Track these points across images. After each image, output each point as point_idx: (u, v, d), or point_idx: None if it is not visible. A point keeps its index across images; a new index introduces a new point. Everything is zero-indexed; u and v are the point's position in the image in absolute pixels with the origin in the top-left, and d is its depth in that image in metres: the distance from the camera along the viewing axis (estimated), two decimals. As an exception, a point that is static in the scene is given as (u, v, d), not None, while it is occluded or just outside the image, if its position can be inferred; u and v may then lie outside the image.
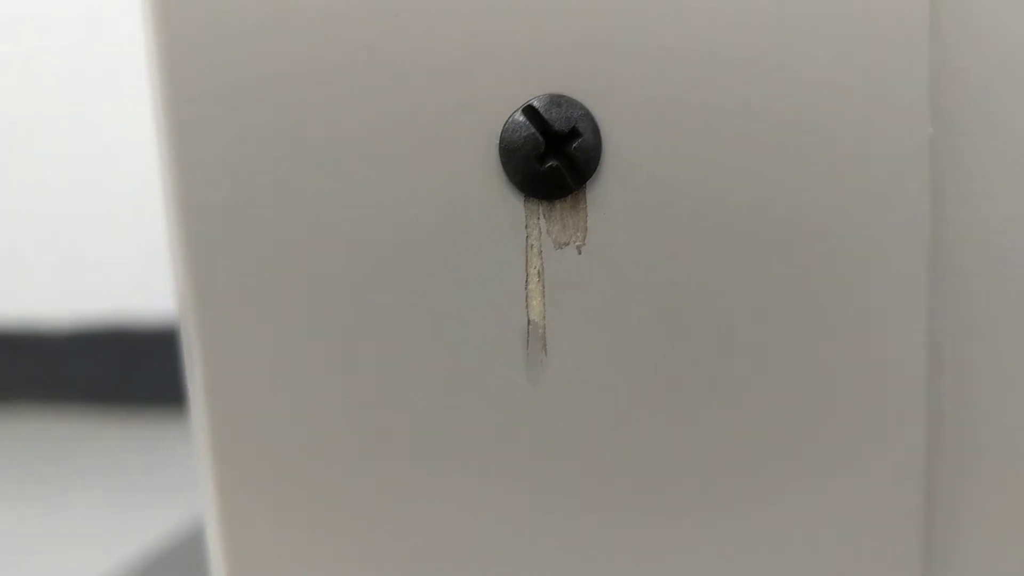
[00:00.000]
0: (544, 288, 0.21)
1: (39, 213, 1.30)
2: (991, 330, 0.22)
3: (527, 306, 0.21)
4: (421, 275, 0.20)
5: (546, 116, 0.20)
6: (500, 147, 0.20)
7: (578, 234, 0.20)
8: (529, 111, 0.20)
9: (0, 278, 1.33)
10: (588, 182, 0.20)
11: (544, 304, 0.21)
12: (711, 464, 0.22)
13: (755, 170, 0.20)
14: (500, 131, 0.20)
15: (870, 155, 0.21)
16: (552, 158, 0.20)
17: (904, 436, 0.22)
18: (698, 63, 0.20)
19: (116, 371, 1.30)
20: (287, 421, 0.21)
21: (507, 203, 0.20)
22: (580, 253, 0.21)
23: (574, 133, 0.20)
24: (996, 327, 0.22)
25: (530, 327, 0.21)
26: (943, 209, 0.22)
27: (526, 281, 0.21)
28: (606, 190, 0.20)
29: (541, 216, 0.20)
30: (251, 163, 0.20)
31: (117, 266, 1.29)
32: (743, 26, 0.20)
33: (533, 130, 0.20)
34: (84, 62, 1.25)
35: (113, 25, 1.25)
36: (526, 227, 0.20)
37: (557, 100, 0.20)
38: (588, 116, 0.20)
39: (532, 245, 0.20)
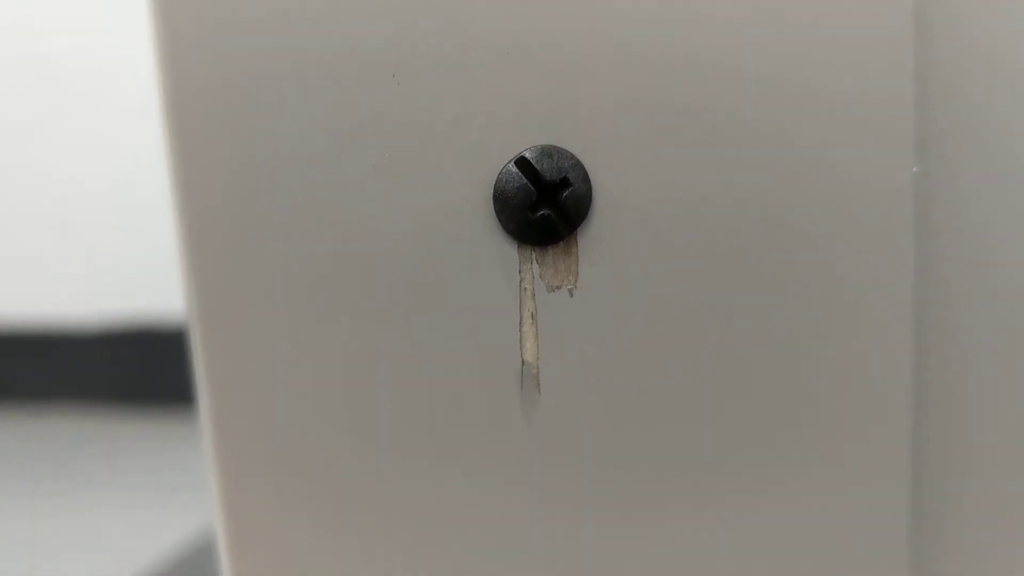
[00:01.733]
0: (538, 330, 0.21)
1: (63, 215, 1.32)
2: (975, 333, 0.23)
3: (521, 347, 0.21)
4: (419, 316, 0.21)
5: (537, 167, 0.20)
6: (494, 196, 0.21)
7: (570, 277, 0.21)
8: (521, 162, 0.20)
9: (26, 279, 1.35)
10: (579, 228, 0.21)
11: (538, 345, 0.21)
12: (699, 490, 0.22)
13: (742, 211, 0.21)
14: (495, 180, 0.21)
15: (856, 194, 0.21)
16: (544, 207, 0.21)
17: (890, 435, 0.22)
18: (684, 112, 0.21)
19: (141, 371, 1.32)
20: (286, 433, 0.22)
21: (502, 249, 0.21)
22: (572, 296, 0.21)
23: (565, 183, 0.20)
24: (979, 329, 0.23)
25: (524, 367, 0.22)
26: (928, 212, 0.22)
27: (520, 323, 0.21)
28: (597, 235, 0.21)
29: (534, 261, 0.21)
30: (255, 184, 0.21)
31: (142, 267, 1.30)
32: (727, 73, 0.21)
33: (525, 181, 0.20)
34: (106, 61, 1.26)
35: (135, 22, 1.27)
36: (520, 272, 0.21)
37: (548, 151, 0.20)
38: (579, 166, 0.21)
39: (526, 288, 0.21)
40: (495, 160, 0.21)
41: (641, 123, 0.21)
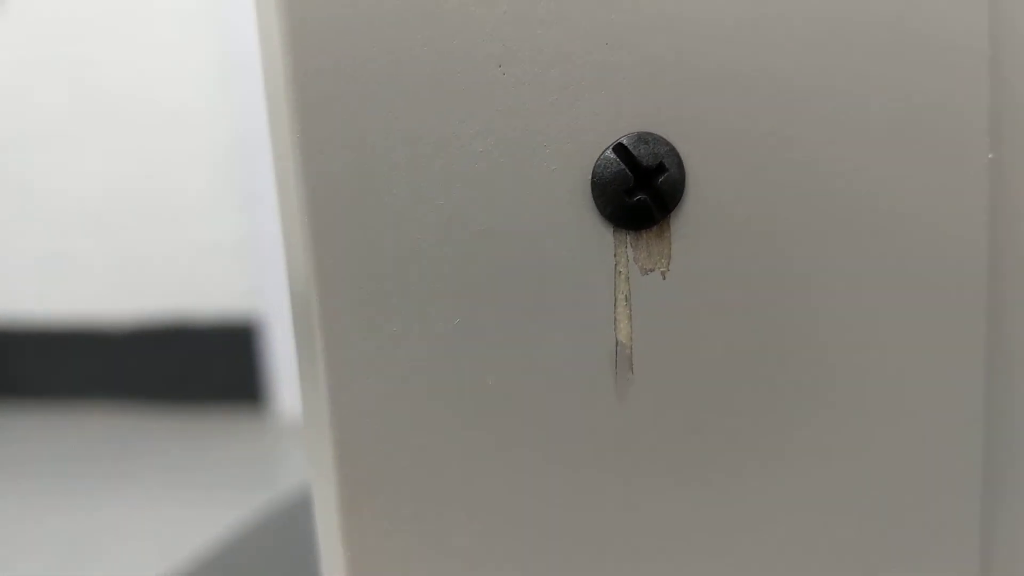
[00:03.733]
0: (631, 312, 0.22)
1: (100, 213, 1.34)
2: None
3: (615, 328, 0.22)
4: (520, 298, 0.22)
5: (634, 153, 0.21)
6: (592, 182, 0.21)
7: (663, 261, 0.22)
8: (619, 148, 0.21)
9: (63, 278, 1.37)
10: (672, 213, 0.22)
11: (631, 326, 0.22)
12: (786, 458, 0.23)
13: (827, 195, 0.22)
14: (593, 166, 0.21)
15: (932, 178, 0.22)
16: (640, 192, 0.21)
17: (963, 439, 0.23)
18: (774, 98, 0.21)
19: (176, 368, 1.34)
20: (401, 427, 0.23)
21: (597, 233, 0.22)
22: (665, 279, 0.22)
23: (660, 168, 0.21)
24: None
25: (618, 348, 0.22)
26: (1010, 206, 0.23)
27: (614, 305, 0.22)
28: (689, 220, 0.22)
29: (628, 245, 0.22)
30: (372, 169, 0.22)
31: (177, 264, 1.32)
32: (813, 64, 0.21)
33: (623, 166, 0.21)
34: (144, 62, 1.28)
35: (172, 24, 1.28)
36: (615, 255, 0.22)
37: (645, 137, 0.21)
38: (673, 152, 0.21)
39: (620, 272, 0.22)
40: (594, 147, 0.21)
41: (733, 110, 0.21)
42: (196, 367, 1.33)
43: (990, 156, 0.23)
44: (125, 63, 1.28)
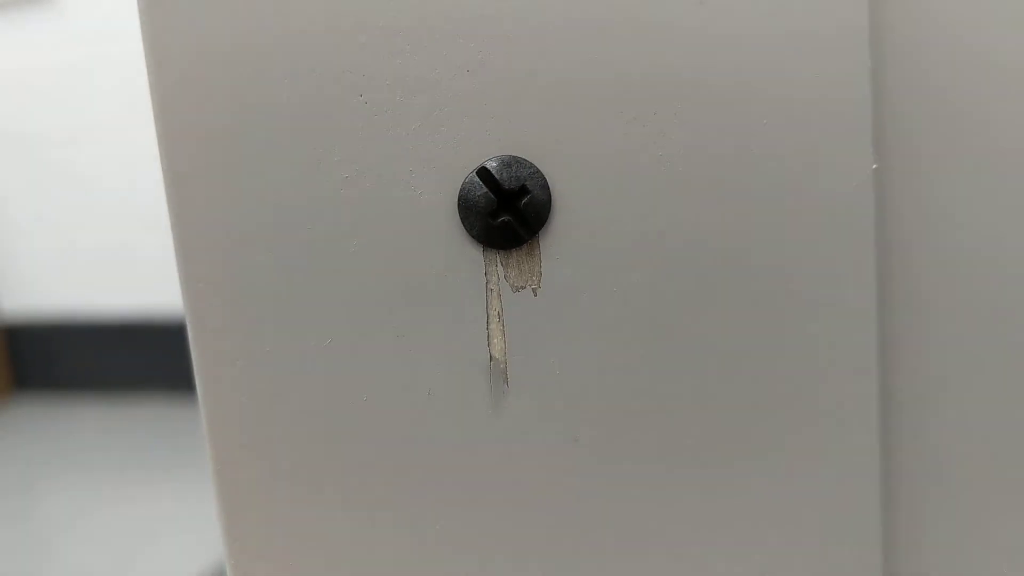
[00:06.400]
0: (504, 328, 0.23)
1: (157, 209, 1.37)
2: (939, 321, 0.24)
3: (489, 344, 0.23)
4: (393, 317, 0.23)
5: (498, 176, 0.22)
6: (459, 204, 0.22)
7: (534, 278, 0.23)
8: (483, 172, 0.22)
9: (116, 272, 1.41)
10: (540, 232, 0.22)
11: (505, 342, 0.23)
12: (664, 478, 0.24)
13: (697, 208, 0.22)
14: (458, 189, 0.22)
15: (815, 191, 0.22)
16: (505, 213, 0.22)
17: (858, 435, 0.23)
18: (639, 118, 0.22)
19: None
20: (273, 424, 0.24)
21: (467, 253, 0.23)
22: (536, 295, 0.23)
23: (523, 191, 0.22)
24: (944, 317, 0.24)
25: (492, 363, 0.23)
26: (889, 207, 0.23)
27: (487, 322, 0.23)
28: (558, 238, 0.22)
29: (499, 263, 0.23)
30: (238, 197, 0.23)
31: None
32: (680, 82, 0.22)
33: (486, 189, 0.22)
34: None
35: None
36: (485, 274, 0.23)
37: (508, 161, 0.22)
38: (537, 174, 0.22)
39: (492, 289, 0.23)
40: (460, 171, 0.22)
41: (597, 132, 0.22)
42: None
43: (874, 167, 0.23)
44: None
